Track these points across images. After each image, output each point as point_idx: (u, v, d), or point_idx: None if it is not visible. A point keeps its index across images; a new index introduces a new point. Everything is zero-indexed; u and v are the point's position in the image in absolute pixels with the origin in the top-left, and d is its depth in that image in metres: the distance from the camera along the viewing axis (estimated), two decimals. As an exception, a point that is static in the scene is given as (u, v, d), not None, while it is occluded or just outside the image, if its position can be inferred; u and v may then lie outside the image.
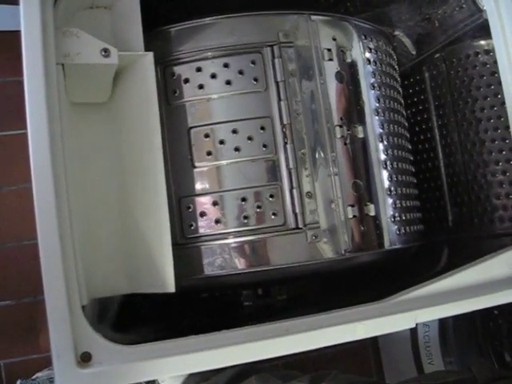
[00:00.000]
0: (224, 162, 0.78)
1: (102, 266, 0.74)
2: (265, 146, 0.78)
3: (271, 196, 0.78)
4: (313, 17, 0.83)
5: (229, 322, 0.71)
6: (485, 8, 0.90)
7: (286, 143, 0.78)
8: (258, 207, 0.77)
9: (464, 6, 0.94)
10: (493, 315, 1.24)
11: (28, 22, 0.64)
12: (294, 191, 0.78)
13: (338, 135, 0.81)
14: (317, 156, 0.79)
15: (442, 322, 1.26)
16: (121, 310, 0.81)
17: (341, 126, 0.82)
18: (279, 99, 0.79)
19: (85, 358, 0.61)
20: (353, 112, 0.84)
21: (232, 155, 0.78)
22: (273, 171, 0.78)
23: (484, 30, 0.91)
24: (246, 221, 0.77)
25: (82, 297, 0.64)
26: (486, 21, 0.89)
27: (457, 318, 1.20)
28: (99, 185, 0.76)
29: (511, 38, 0.86)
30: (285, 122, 0.78)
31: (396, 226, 0.85)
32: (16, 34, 0.65)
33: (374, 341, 1.55)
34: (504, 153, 0.98)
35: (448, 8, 0.98)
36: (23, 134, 0.62)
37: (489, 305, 0.79)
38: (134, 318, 0.85)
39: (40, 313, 1.30)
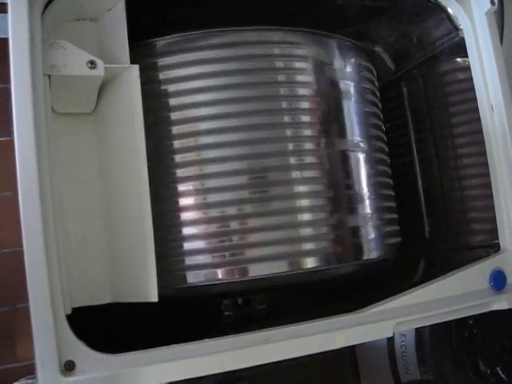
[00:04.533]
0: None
1: (86, 275, 0.75)
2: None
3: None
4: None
5: (210, 332, 0.72)
6: (461, 27, 0.92)
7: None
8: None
9: (441, 24, 0.96)
10: (468, 325, 1.26)
11: (16, 33, 0.65)
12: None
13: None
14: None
15: (419, 332, 1.28)
16: (105, 319, 0.81)
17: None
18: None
19: (68, 367, 0.62)
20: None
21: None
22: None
23: (460, 48, 0.93)
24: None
25: (67, 305, 0.65)
26: (463, 39, 0.92)
27: (433, 329, 1.21)
28: (84, 194, 0.77)
29: (486, 56, 0.89)
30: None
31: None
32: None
33: (351, 350, 1.55)
34: (479, 167, 0.99)
35: (426, 26, 1.00)
36: (4, 141, 0.62)
37: (464, 315, 0.81)
38: (117, 327, 0.86)
39: (18, 322, 1.29)
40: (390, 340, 1.31)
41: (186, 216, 0.78)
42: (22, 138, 0.63)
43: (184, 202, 0.78)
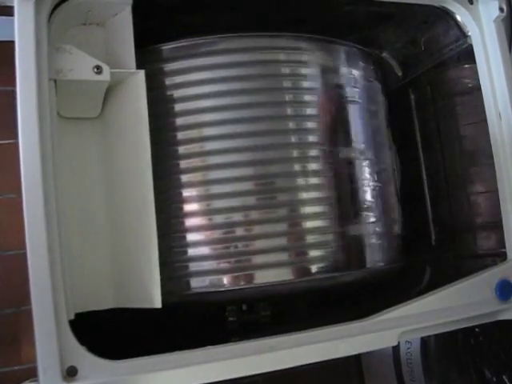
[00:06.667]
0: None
1: (90, 280, 0.75)
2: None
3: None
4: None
5: (214, 337, 0.72)
6: (469, 33, 0.92)
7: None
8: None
9: (449, 30, 0.96)
10: (474, 333, 1.25)
11: (22, 37, 0.64)
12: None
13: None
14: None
15: (424, 339, 1.27)
16: (107, 325, 0.81)
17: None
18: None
19: (70, 373, 0.62)
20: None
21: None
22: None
23: (469, 55, 0.93)
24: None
25: (69, 311, 0.64)
26: (471, 46, 0.92)
27: (439, 336, 1.20)
28: (89, 199, 0.77)
29: (494, 63, 0.89)
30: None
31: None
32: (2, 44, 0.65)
33: (356, 356, 1.55)
34: (486, 175, 0.98)
35: (434, 32, 1.00)
36: (9, 144, 0.62)
37: (469, 324, 0.80)
38: (120, 333, 0.85)
39: (23, 324, 1.29)
40: (396, 347, 1.31)
41: (190, 222, 0.78)
42: (27, 142, 0.63)
43: (189, 207, 0.78)
